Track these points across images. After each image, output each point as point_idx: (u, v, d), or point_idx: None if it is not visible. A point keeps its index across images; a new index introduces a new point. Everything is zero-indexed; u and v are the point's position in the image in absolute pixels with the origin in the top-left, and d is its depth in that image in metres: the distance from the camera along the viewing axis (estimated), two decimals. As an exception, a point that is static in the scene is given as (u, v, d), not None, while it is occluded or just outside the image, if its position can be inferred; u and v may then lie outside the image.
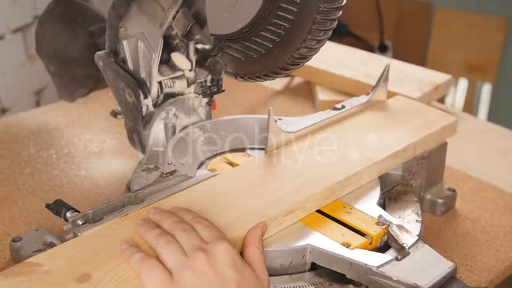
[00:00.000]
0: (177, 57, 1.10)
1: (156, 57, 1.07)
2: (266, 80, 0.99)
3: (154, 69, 1.08)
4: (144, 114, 1.10)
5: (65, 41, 1.31)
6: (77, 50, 1.30)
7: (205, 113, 1.17)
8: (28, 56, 2.87)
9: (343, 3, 0.89)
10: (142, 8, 1.06)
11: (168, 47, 1.09)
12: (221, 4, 0.93)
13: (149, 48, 1.07)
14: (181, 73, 1.12)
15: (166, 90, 1.11)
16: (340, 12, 0.89)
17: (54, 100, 1.69)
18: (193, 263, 0.76)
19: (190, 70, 1.12)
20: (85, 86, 1.36)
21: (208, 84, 1.16)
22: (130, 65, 1.10)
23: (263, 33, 0.93)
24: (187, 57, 1.11)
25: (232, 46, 0.97)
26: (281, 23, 0.90)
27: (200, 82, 1.14)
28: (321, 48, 0.94)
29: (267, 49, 0.94)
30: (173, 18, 1.01)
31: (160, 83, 1.10)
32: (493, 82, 3.21)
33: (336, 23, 0.90)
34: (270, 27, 0.91)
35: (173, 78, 1.11)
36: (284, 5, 0.89)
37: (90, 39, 1.28)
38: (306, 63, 0.96)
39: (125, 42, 1.09)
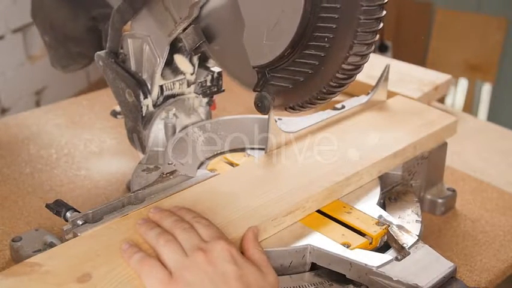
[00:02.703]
0: (180, 60, 1.10)
1: (161, 63, 1.06)
2: (320, 103, 0.90)
3: (158, 74, 1.07)
4: (144, 114, 1.09)
5: (63, 18, 1.28)
6: (76, 29, 1.26)
7: (205, 113, 1.17)
8: (28, 56, 2.87)
9: (386, 0, 0.82)
10: (152, 12, 1.04)
11: (172, 48, 1.08)
12: (260, 32, 0.87)
13: (154, 53, 1.06)
14: (183, 77, 1.12)
15: (166, 92, 1.11)
16: (384, 12, 0.83)
17: (54, 100, 1.69)
18: (192, 262, 0.76)
19: (192, 74, 1.12)
20: (79, 63, 1.34)
21: (208, 84, 1.15)
22: (132, 63, 1.10)
23: (307, 52, 0.85)
24: (190, 60, 1.11)
25: (277, 75, 0.90)
26: (323, 34, 0.83)
27: (200, 82, 1.14)
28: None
29: (314, 68, 0.86)
30: (183, 30, 0.99)
31: (161, 86, 1.10)
32: (493, 82, 3.21)
33: (382, 24, 0.83)
34: (312, 43, 0.85)
35: (174, 81, 1.11)
36: (324, 15, 0.82)
37: (91, 23, 1.25)
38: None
39: (129, 41, 1.09)
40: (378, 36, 0.84)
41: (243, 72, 0.96)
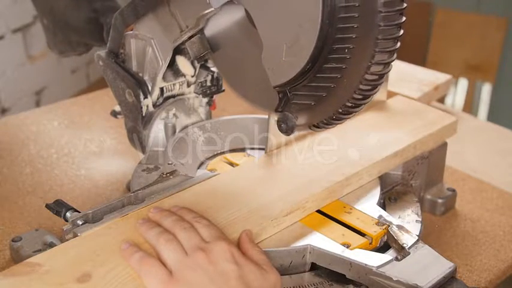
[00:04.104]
0: (182, 61, 1.10)
1: (163, 66, 1.06)
2: (345, 118, 0.87)
3: (159, 77, 1.07)
4: (144, 114, 1.09)
5: (64, 5, 1.27)
6: (76, 19, 1.25)
7: (205, 113, 1.17)
8: (28, 56, 2.87)
9: (404, 5, 0.79)
10: (158, 16, 1.02)
11: (175, 50, 1.07)
12: (278, 50, 0.85)
13: (157, 56, 1.06)
14: (184, 79, 1.12)
15: (166, 93, 1.11)
16: (404, 18, 0.79)
17: (54, 100, 1.69)
18: (193, 262, 0.76)
19: (192, 76, 1.12)
20: (76, 50, 1.33)
21: (208, 84, 1.15)
22: (133, 64, 1.10)
23: (327, 65, 0.82)
24: (192, 63, 1.11)
25: (298, 93, 0.87)
26: (343, 45, 0.80)
27: (200, 82, 1.14)
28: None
29: (336, 81, 0.83)
30: (189, 38, 0.98)
31: (162, 87, 1.10)
32: (493, 82, 3.21)
33: (402, 31, 0.80)
34: (332, 56, 0.81)
35: (175, 82, 1.11)
36: (342, 25, 0.79)
37: (92, 14, 1.24)
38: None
39: (132, 41, 1.08)
40: (399, 43, 0.81)
41: (262, 95, 0.93)
